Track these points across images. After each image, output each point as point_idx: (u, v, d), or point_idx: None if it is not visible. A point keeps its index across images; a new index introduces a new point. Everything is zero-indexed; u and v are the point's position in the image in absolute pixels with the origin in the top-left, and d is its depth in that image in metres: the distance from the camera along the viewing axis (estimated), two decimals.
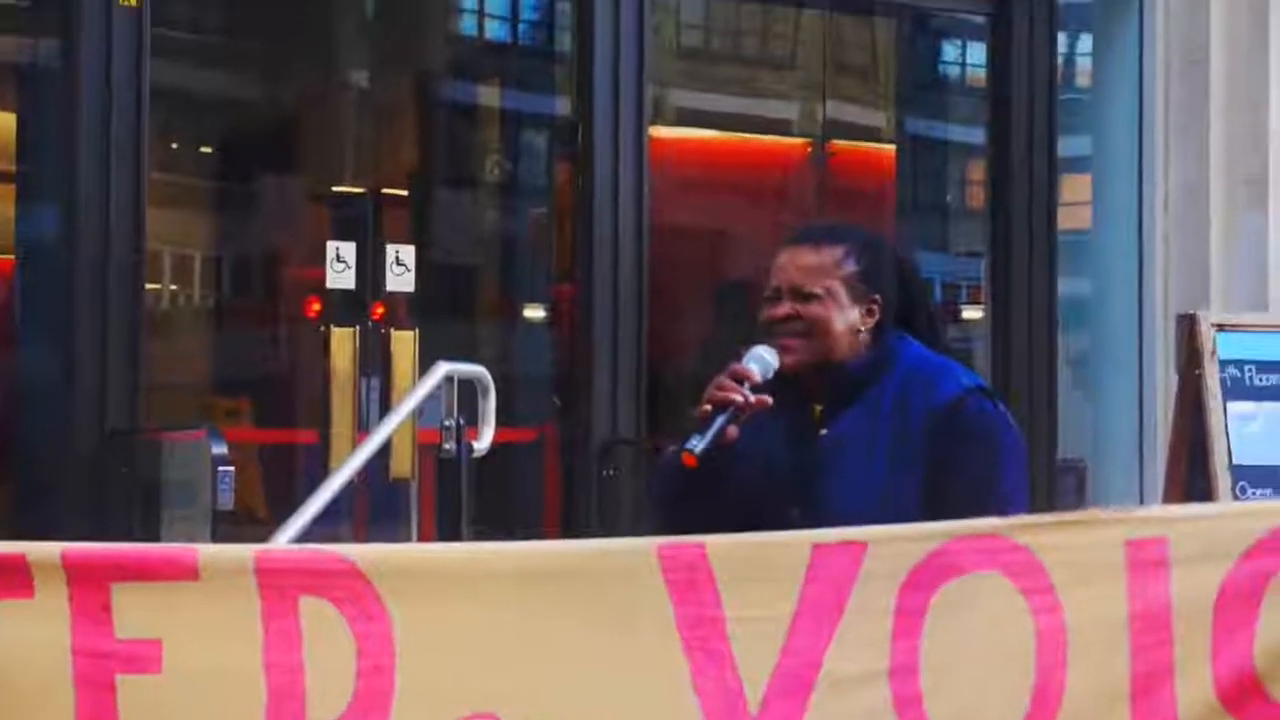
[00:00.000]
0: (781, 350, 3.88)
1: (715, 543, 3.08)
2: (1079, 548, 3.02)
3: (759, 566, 3.06)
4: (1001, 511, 3.39)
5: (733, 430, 3.79)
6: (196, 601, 3.01)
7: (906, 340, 3.94)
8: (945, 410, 3.81)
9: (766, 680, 2.97)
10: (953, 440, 3.79)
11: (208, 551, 3.12)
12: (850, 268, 3.91)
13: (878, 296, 3.92)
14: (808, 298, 3.88)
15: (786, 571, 3.03)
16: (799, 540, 3.10)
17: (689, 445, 3.75)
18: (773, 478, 3.86)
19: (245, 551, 3.11)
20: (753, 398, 3.78)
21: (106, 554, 3.06)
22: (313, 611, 3.01)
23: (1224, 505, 5.45)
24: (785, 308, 3.88)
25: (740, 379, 3.80)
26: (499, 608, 3.03)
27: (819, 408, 3.90)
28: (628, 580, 3.05)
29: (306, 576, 3.04)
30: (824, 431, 3.88)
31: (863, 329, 3.89)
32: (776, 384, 3.90)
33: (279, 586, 3.02)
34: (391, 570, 3.06)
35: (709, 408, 3.78)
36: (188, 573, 3.03)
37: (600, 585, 3.06)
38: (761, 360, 3.85)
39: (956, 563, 3.01)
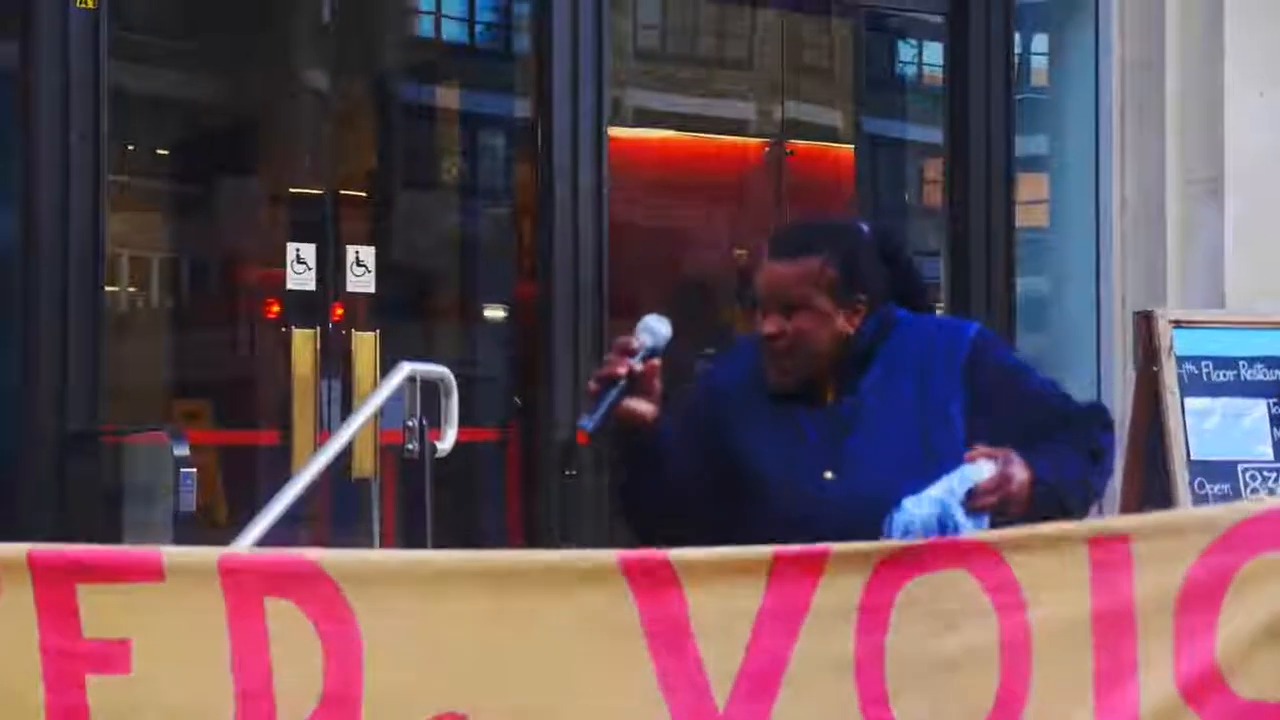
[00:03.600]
0: (777, 373, 3.88)
1: (679, 553, 3.10)
2: (1044, 549, 3.04)
3: (723, 570, 3.07)
4: (1065, 402, 3.79)
5: (646, 407, 3.74)
6: (163, 603, 3.01)
7: (896, 308, 3.95)
8: (975, 344, 3.87)
9: (733, 678, 2.99)
10: (995, 368, 3.86)
11: (172, 553, 3.12)
12: (831, 274, 3.90)
13: (862, 296, 3.92)
14: (791, 309, 3.88)
15: (751, 574, 3.05)
16: (762, 550, 3.11)
17: (581, 424, 3.74)
18: (800, 449, 3.85)
19: (210, 553, 3.11)
20: (639, 366, 3.76)
21: (72, 555, 3.06)
22: (278, 612, 3.01)
23: (1186, 509, 5.49)
24: (772, 324, 3.88)
25: (628, 352, 3.79)
26: (465, 610, 3.04)
27: (830, 386, 3.91)
28: (592, 583, 3.06)
29: (270, 578, 3.05)
30: (845, 399, 3.89)
31: (850, 331, 3.89)
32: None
33: (243, 587, 3.02)
34: (355, 572, 3.07)
35: (594, 385, 3.78)
36: (153, 574, 3.03)
37: (565, 589, 3.07)
38: (651, 330, 3.82)
39: (922, 561, 3.03)
